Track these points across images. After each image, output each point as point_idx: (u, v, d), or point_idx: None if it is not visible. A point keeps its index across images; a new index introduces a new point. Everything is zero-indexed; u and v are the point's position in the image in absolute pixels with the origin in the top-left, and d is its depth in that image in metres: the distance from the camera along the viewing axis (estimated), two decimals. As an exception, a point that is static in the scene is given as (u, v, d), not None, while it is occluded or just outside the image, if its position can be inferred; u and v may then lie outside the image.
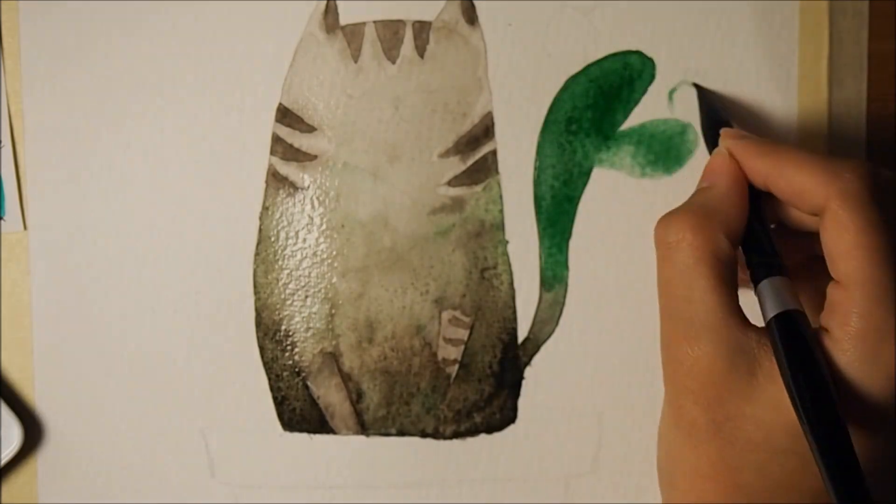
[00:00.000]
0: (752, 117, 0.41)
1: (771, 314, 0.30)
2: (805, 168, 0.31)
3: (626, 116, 0.41)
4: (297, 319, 0.41)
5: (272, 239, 0.41)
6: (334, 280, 0.41)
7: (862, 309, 0.29)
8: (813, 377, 0.28)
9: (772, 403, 0.30)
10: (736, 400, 0.31)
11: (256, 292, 0.41)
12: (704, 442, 0.32)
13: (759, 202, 0.34)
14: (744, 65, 0.41)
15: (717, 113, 0.39)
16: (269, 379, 0.41)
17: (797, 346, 0.29)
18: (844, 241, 0.30)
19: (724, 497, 0.31)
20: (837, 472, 0.27)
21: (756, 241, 0.33)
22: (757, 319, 0.32)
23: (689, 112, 0.41)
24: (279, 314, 0.41)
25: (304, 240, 0.41)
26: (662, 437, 0.35)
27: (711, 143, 0.38)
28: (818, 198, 0.31)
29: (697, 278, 0.31)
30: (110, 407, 0.42)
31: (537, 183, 0.41)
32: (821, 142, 0.41)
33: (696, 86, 0.40)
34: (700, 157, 0.41)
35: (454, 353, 0.41)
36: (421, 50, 0.40)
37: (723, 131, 0.36)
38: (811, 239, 0.33)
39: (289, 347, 0.41)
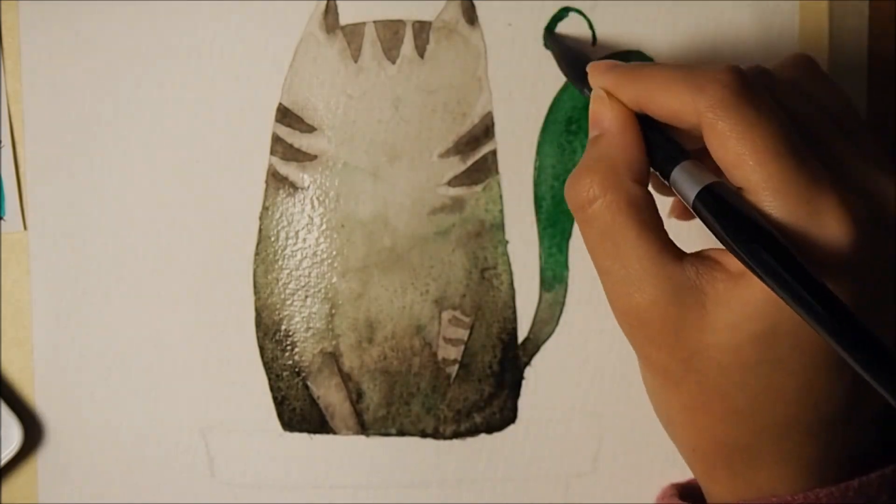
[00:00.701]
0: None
1: (692, 195, 0.30)
2: (672, 89, 0.31)
3: (625, 116, 0.41)
4: (297, 319, 0.41)
5: (272, 239, 0.41)
6: (334, 280, 0.41)
7: (772, 208, 0.29)
8: (757, 230, 0.28)
9: (727, 324, 0.30)
10: (694, 334, 0.31)
11: (256, 292, 0.41)
12: (681, 381, 0.32)
13: (649, 119, 0.33)
14: (744, 65, 0.41)
15: (575, 52, 0.38)
16: (269, 379, 0.41)
17: (728, 210, 0.29)
18: (730, 150, 0.30)
19: (720, 422, 0.32)
20: (823, 311, 0.26)
21: (654, 146, 0.33)
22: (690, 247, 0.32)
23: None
24: (279, 314, 0.41)
25: (304, 240, 0.41)
26: (647, 388, 0.35)
27: (579, 82, 0.37)
28: (692, 116, 0.31)
29: (620, 231, 0.31)
30: (110, 407, 0.42)
31: (537, 183, 0.41)
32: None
33: (547, 33, 0.40)
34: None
35: (454, 353, 0.41)
36: (421, 50, 0.40)
37: (589, 67, 0.35)
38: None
39: (289, 347, 0.41)
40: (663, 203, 0.35)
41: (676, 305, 0.31)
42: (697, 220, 0.30)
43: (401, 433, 0.41)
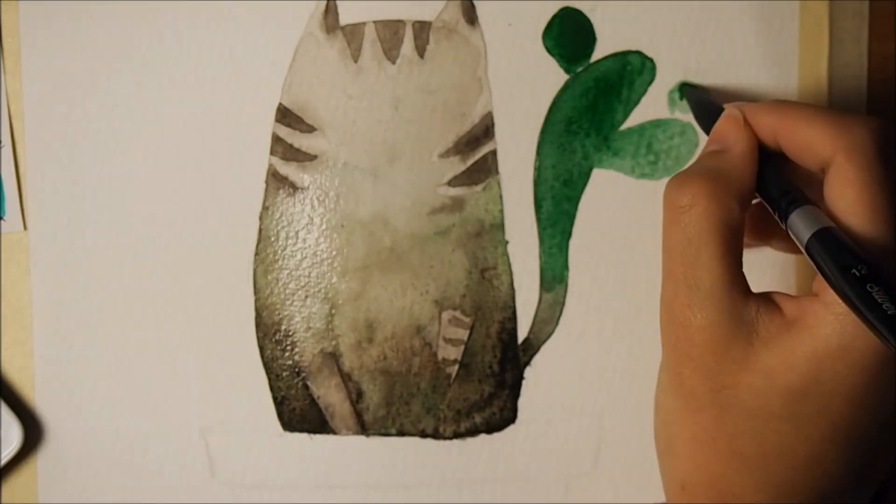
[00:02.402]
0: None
1: (807, 235, 0.30)
2: (814, 122, 0.31)
3: (626, 116, 0.41)
4: (296, 319, 0.41)
5: (272, 239, 0.41)
6: (334, 280, 0.41)
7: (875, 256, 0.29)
8: (872, 274, 0.28)
9: (767, 370, 0.30)
10: (733, 368, 0.31)
11: (256, 292, 0.41)
12: (702, 409, 0.32)
13: (769, 155, 0.34)
14: (744, 65, 0.41)
15: (711, 103, 0.39)
16: (269, 379, 0.41)
17: (842, 251, 0.29)
18: (847, 196, 0.30)
19: (721, 463, 0.32)
20: None
21: (774, 183, 0.33)
22: (756, 286, 0.32)
23: (689, 112, 0.41)
24: (279, 314, 0.41)
25: (304, 240, 0.41)
26: (660, 405, 0.35)
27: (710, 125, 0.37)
28: (825, 151, 0.31)
29: (707, 245, 0.31)
30: (110, 407, 0.42)
31: (537, 183, 0.41)
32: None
33: (685, 85, 0.40)
34: (700, 157, 0.41)
35: (454, 353, 0.41)
36: (421, 50, 0.40)
37: (728, 105, 0.36)
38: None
39: (289, 347, 0.41)
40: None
41: (728, 335, 0.31)
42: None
43: (401, 433, 0.41)
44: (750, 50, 0.41)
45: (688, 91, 0.40)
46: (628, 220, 0.41)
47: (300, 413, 0.41)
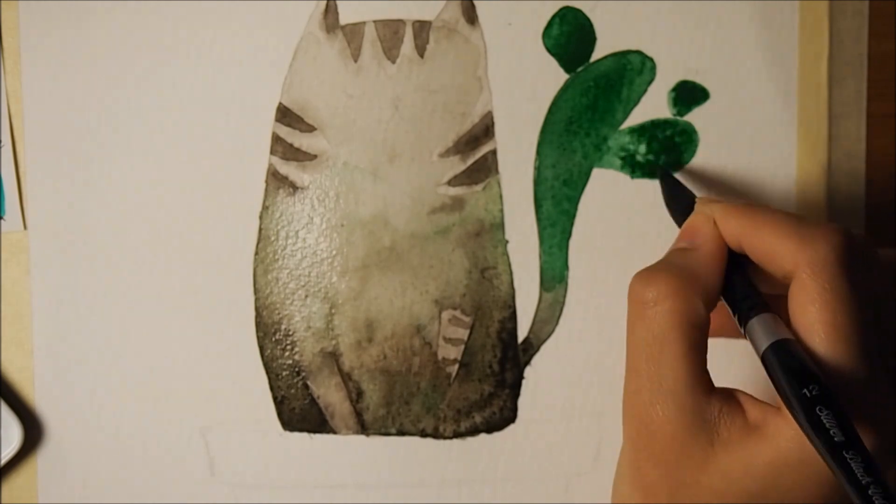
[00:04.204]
0: (753, 117, 0.41)
1: (764, 345, 0.30)
2: (779, 231, 0.31)
3: (626, 116, 0.41)
4: (296, 319, 0.41)
5: (272, 238, 0.41)
6: (334, 279, 0.41)
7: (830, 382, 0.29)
8: (822, 394, 0.28)
9: (726, 473, 0.30)
10: (692, 468, 0.31)
11: (256, 292, 0.41)
12: None
13: (736, 257, 0.34)
14: (744, 65, 0.41)
15: (683, 191, 0.39)
16: (269, 379, 0.41)
17: (794, 367, 0.29)
18: (809, 314, 0.30)
19: None
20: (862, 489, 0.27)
21: (738, 287, 0.33)
22: (721, 380, 0.32)
23: (689, 112, 0.41)
24: (279, 314, 0.41)
25: (304, 239, 0.41)
26: (619, 493, 0.35)
27: (680, 216, 0.37)
28: (788, 264, 0.31)
29: (671, 343, 0.31)
30: (110, 407, 0.42)
31: (537, 182, 0.41)
32: (820, 142, 0.41)
33: (661, 170, 0.41)
34: (701, 158, 0.41)
35: (454, 352, 0.41)
36: (421, 49, 0.41)
37: (699, 200, 0.36)
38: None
39: (288, 347, 0.41)
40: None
41: (688, 434, 0.31)
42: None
43: (401, 433, 0.41)
44: (750, 50, 0.41)
45: (661, 173, 0.41)
46: (628, 220, 0.41)
47: (300, 412, 0.41)
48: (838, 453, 0.27)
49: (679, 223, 0.38)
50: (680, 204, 0.38)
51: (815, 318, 0.30)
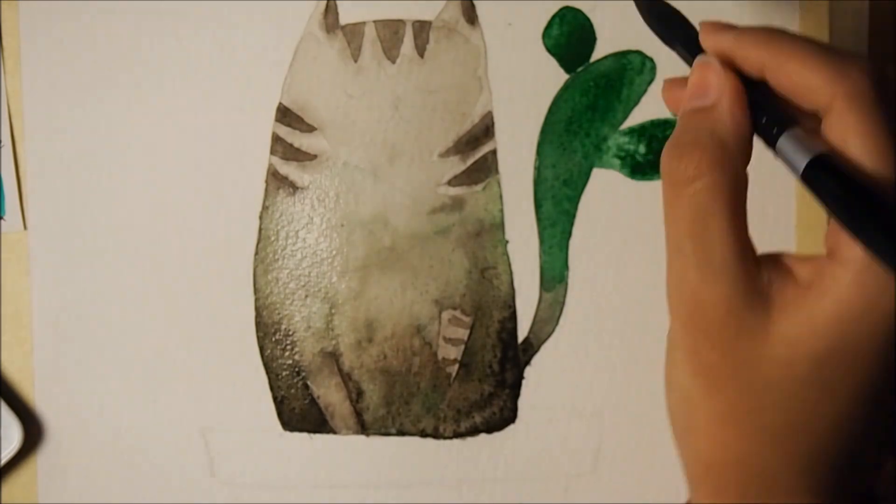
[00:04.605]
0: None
1: (802, 164, 0.29)
2: (809, 62, 0.29)
3: (626, 116, 0.41)
4: (296, 319, 0.41)
5: (272, 238, 0.41)
6: (334, 279, 0.41)
7: None
8: (879, 206, 0.27)
9: (788, 340, 0.29)
10: (754, 342, 0.30)
11: (256, 292, 0.41)
12: (724, 386, 0.31)
13: (752, 81, 0.31)
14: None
15: (669, 7, 0.35)
16: (269, 378, 0.41)
17: (846, 181, 0.27)
18: (852, 146, 0.28)
19: (748, 440, 0.31)
20: None
21: (758, 104, 0.31)
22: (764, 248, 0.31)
23: (689, 112, 0.41)
24: (279, 313, 0.41)
25: (304, 239, 0.41)
26: (676, 384, 0.33)
27: (673, 39, 0.34)
28: (823, 97, 0.29)
29: (716, 217, 0.30)
30: (110, 407, 0.42)
31: (537, 182, 0.41)
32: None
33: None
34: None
35: (454, 352, 0.41)
36: (421, 49, 0.41)
37: (702, 24, 0.33)
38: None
39: (288, 347, 0.41)
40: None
41: (744, 307, 0.30)
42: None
43: (401, 433, 0.41)
44: (750, 50, 0.41)
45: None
46: (628, 220, 0.41)
47: (300, 412, 0.41)
48: None
49: (673, 45, 0.35)
50: (673, 24, 0.34)
51: (859, 149, 0.28)
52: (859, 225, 0.27)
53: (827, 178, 0.28)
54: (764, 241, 0.40)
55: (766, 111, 0.31)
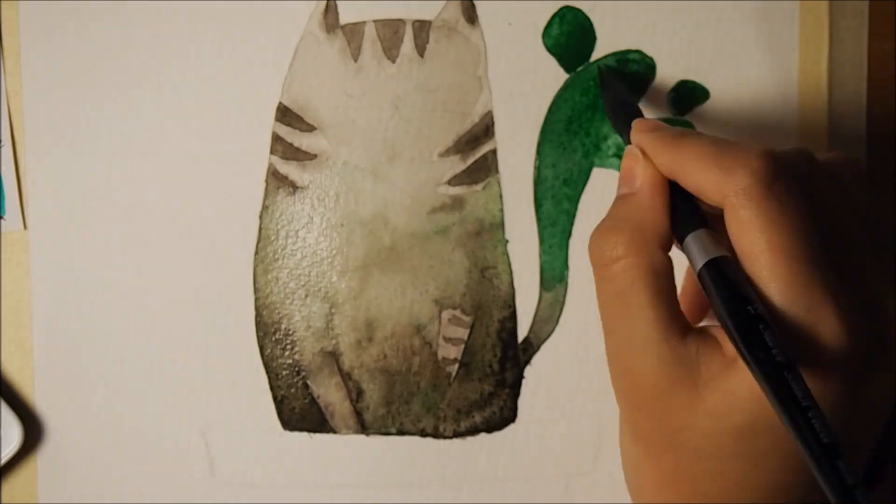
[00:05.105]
0: (753, 117, 0.41)
1: (700, 263, 0.30)
2: (702, 164, 0.31)
3: (626, 116, 0.41)
4: (296, 318, 0.41)
5: (272, 238, 0.41)
6: (334, 279, 0.41)
7: (775, 308, 0.29)
8: (753, 314, 0.28)
9: (713, 411, 0.30)
10: (682, 412, 0.31)
11: (256, 291, 0.41)
12: (661, 454, 0.32)
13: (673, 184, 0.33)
14: (744, 65, 0.41)
15: (624, 98, 0.38)
16: (269, 378, 0.41)
17: (728, 287, 0.29)
18: (746, 241, 0.29)
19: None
20: (794, 413, 0.26)
21: (676, 205, 0.33)
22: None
23: (688, 112, 0.41)
24: (279, 313, 0.41)
25: (304, 239, 0.41)
26: (624, 451, 0.35)
27: (621, 127, 0.37)
28: (717, 195, 0.30)
29: (635, 295, 0.31)
30: (110, 407, 0.42)
31: (537, 182, 0.41)
32: (821, 142, 0.41)
33: (599, 69, 0.40)
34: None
35: (454, 352, 0.41)
36: (421, 49, 0.41)
37: (634, 123, 0.35)
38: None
39: (288, 346, 0.41)
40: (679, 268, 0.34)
41: (672, 379, 0.31)
42: None
43: (401, 432, 0.41)
44: (750, 50, 0.41)
45: (602, 76, 0.40)
46: (628, 220, 0.41)
47: (300, 412, 0.41)
48: (777, 375, 0.26)
49: (619, 133, 0.37)
50: (623, 114, 0.37)
51: (752, 243, 0.29)
52: (731, 327, 0.28)
53: (715, 280, 0.29)
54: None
55: (679, 211, 0.33)
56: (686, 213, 0.32)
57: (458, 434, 0.41)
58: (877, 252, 0.33)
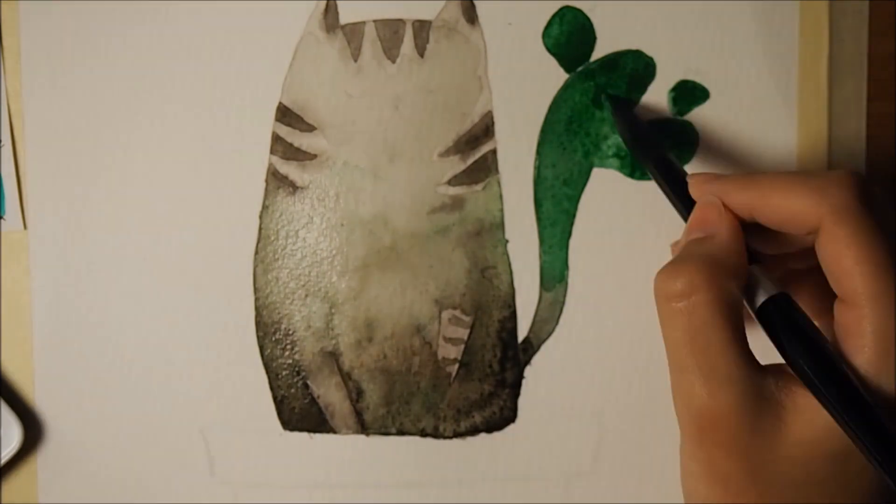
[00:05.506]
0: (753, 118, 0.41)
1: (758, 301, 0.30)
2: (791, 192, 0.31)
3: (626, 116, 0.41)
4: (296, 318, 0.41)
5: (272, 238, 0.41)
6: (334, 279, 0.41)
7: (877, 326, 0.29)
8: (815, 350, 0.28)
9: (804, 440, 0.30)
10: (768, 444, 0.30)
11: (256, 291, 0.41)
12: (744, 491, 0.31)
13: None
14: (744, 65, 0.41)
15: (641, 125, 0.39)
16: (269, 378, 0.41)
17: (793, 327, 0.29)
18: (846, 258, 0.30)
19: None
20: (867, 431, 0.27)
21: None
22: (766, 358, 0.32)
23: (688, 111, 0.41)
24: (279, 313, 0.41)
25: (304, 239, 0.41)
26: (693, 494, 0.34)
27: (641, 154, 0.38)
28: (811, 218, 0.31)
29: (716, 331, 0.31)
30: (110, 407, 0.42)
31: (537, 182, 0.41)
32: (821, 142, 0.41)
33: (610, 97, 0.40)
34: (701, 158, 0.41)
35: (454, 352, 0.41)
36: (421, 49, 0.41)
37: (691, 179, 0.35)
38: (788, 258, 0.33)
39: (288, 346, 0.41)
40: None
41: (754, 414, 0.30)
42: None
43: (401, 432, 0.41)
44: (750, 50, 0.41)
45: (613, 104, 0.40)
46: (628, 220, 0.41)
47: (300, 412, 0.41)
48: (859, 408, 0.27)
49: (642, 160, 0.37)
50: (643, 140, 0.37)
51: (853, 260, 0.29)
52: (802, 368, 0.29)
53: (779, 318, 0.30)
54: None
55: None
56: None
57: (458, 434, 0.41)
58: None
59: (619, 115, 0.40)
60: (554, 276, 0.41)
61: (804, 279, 0.35)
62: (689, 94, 0.41)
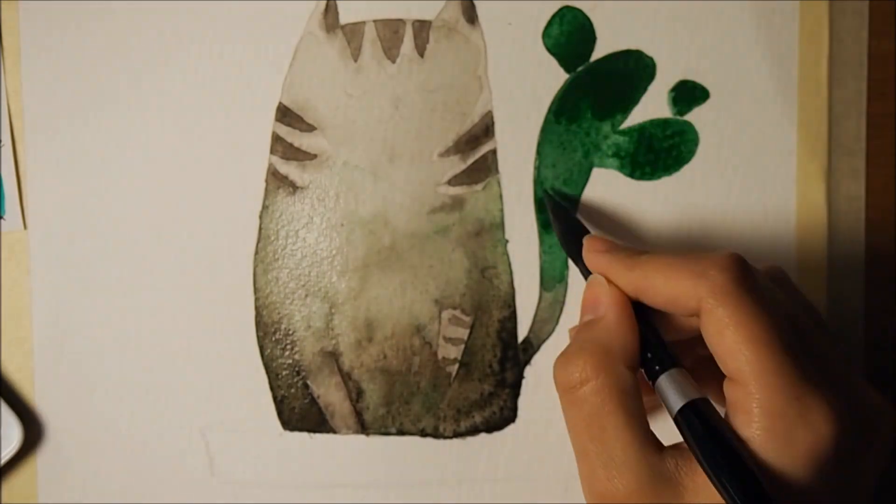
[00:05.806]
0: (753, 117, 0.41)
1: (676, 408, 0.31)
2: (672, 276, 0.32)
3: (625, 116, 0.41)
4: (296, 318, 0.41)
5: (272, 238, 0.41)
6: (334, 279, 0.41)
7: (762, 402, 0.29)
8: (733, 460, 0.29)
9: None
10: None
11: (256, 291, 0.41)
12: None
13: (641, 307, 0.34)
14: (744, 65, 0.41)
15: (573, 222, 0.39)
16: (269, 378, 0.41)
17: (709, 434, 0.30)
18: (727, 338, 0.30)
19: None
20: None
21: (645, 342, 0.33)
22: (668, 437, 0.32)
23: (688, 111, 0.41)
24: (279, 313, 0.41)
25: (304, 239, 0.41)
26: None
27: (572, 251, 0.38)
28: (692, 301, 0.31)
29: (609, 416, 0.32)
30: (110, 407, 0.42)
31: (537, 182, 0.41)
32: (821, 142, 0.41)
33: (547, 194, 0.41)
34: (701, 158, 0.41)
35: (454, 352, 0.41)
36: (421, 49, 0.41)
37: (586, 242, 0.36)
38: (695, 342, 0.33)
39: (288, 346, 0.41)
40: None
41: (654, 495, 0.31)
42: None
43: (401, 432, 0.41)
44: (750, 50, 0.41)
45: (550, 204, 0.40)
46: (628, 220, 0.41)
47: (300, 412, 0.41)
48: None
49: (571, 255, 0.38)
50: (572, 235, 0.38)
51: (733, 339, 0.30)
52: (716, 471, 0.29)
53: (695, 423, 0.30)
54: (764, 244, 0.41)
55: (652, 347, 0.33)
56: (657, 349, 0.33)
57: (458, 434, 0.41)
58: (830, 340, 0.33)
59: (554, 213, 0.40)
60: (554, 276, 0.41)
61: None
62: (689, 94, 0.41)
